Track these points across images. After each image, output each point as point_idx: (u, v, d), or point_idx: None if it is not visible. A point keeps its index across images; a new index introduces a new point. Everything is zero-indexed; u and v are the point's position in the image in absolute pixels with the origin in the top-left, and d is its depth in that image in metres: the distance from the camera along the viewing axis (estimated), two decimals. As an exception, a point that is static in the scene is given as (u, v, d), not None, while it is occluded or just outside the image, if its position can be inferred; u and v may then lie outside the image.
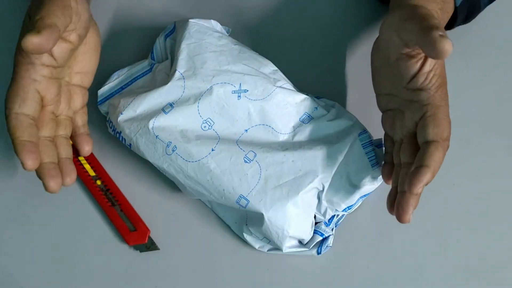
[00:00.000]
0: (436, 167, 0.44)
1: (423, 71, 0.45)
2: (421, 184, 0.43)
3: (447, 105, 0.46)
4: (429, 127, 0.44)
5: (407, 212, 0.44)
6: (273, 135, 0.52)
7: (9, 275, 0.54)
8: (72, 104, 0.49)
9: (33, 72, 0.44)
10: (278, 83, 0.53)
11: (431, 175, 0.43)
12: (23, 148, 0.42)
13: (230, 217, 0.54)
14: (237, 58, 0.53)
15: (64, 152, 0.47)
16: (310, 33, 0.60)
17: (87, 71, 0.50)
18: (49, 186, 0.44)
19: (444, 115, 0.45)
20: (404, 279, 0.53)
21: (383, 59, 0.49)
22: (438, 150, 0.44)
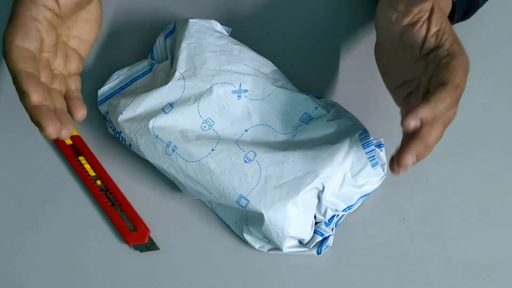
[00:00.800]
0: (437, 105, 0.41)
1: (431, 32, 0.44)
2: (415, 115, 0.40)
3: (466, 57, 0.44)
4: (441, 71, 0.42)
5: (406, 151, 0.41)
6: (273, 135, 0.52)
7: (10, 275, 0.54)
8: (68, 65, 0.47)
9: (35, 12, 0.42)
10: (278, 83, 0.53)
11: (428, 110, 0.40)
12: (28, 79, 0.39)
13: (230, 217, 0.54)
14: (237, 58, 0.53)
15: (59, 104, 0.43)
16: (310, 33, 0.60)
17: (85, 39, 0.48)
18: (47, 129, 0.40)
19: (459, 64, 0.43)
20: (404, 279, 0.53)
21: (386, 50, 0.48)
22: (443, 89, 0.41)
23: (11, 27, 0.42)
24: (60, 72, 0.46)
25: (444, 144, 0.56)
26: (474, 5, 0.54)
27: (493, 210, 0.55)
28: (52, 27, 0.44)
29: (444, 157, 0.56)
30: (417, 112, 0.40)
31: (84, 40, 0.48)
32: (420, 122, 0.41)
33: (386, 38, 0.48)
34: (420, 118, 0.40)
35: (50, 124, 0.40)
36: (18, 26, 0.42)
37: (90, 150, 0.56)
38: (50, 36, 0.44)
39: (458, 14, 0.53)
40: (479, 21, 0.58)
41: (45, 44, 0.44)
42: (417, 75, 0.46)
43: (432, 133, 0.42)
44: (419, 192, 0.55)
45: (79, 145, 0.56)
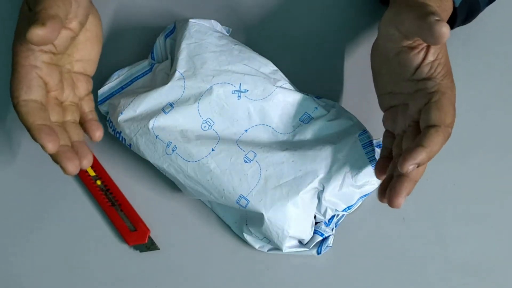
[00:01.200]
0: (433, 150, 0.42)
1: (426, 60, 0.45)
2: (413, 161, 0.42)
3: (454, 93, 0.45)
4: (432, 111, 0.43)
5: (399, 195, 0.43)
6: (273, 135, 0.52)
7: (10, 275, 0.54)
8: (77, 91, 0.49)
9: (33, 59, 0.44)
10: (278, 83, 0.53)
11: (426, 155, 0.42)
12: (41, 132, 0.42)
13: (230, 217, 0.54)
14: (237, 58, 0.53)
15: (75, 136, 0.46)
16: (310, 33, 0.60)
17: (89, 58, 0.49)
18: (67, 168, 0.43)
19: (449, 101, 0.44)
20: (404, 279, 0.53)
21: (382, 56, 0.48)
22: (437, 133, 0.43)
23: (14, 81, 0.44)
24: (71, 102, 0.48)
25: (445, 145, 0.56)
26: (475, 10, 0.54)
27: (493, 210, 0.55)
28: (53, 67, 0.45)
29: (444, 157, 0.56)
30: (415, 157, 0.42)
31: (88, 60, 0.49)
32: (417, 165, 0.43)
33: (384, 48, 0.48)
34: (418, 162, 0.42)
35: (69, 164, 0.43)
36: (20, 80, 0.43)
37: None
38: (52, 77, 0.45)
39: (459, 18, 0.53)
40: (479, 23, 0.58)
41: (50, 86, 0.45)
42: (404, 92, 0.47)
43: (421, 171, 0.45)
44: (419, 192, 0.55)
45: (79, 145, 0.56)
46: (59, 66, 0.46)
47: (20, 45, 0.44)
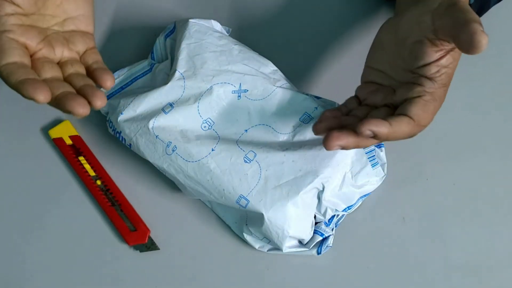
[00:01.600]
0: (396, 133, 0.42)
1: (439, 62, 0.44)
2: (373, 127, 0.42)
3: (441, 103, 0.45)
4: (417, 106, 0.43)
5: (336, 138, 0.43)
6: (273, 135, 0.52)
7: (10, 275, 0.54)
8: (73, 47, 0.47)
9: (1, 24, 0.42)
10: (278, 83, 0.53)
11: (386, 131, 0.42)
12: (25, 84, 0.40)
13: (230, 217, 0.54)
14: (237, 58, 0.53)
15: (82, 82, 0.43)
16: (310, 33, 0.60)
17: (78, 15, 0.47)
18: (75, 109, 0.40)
19: (434, 109, 0.44)
20: (404, 279, 0.53)
21: (397, 37, 0.47)
22: (408, 124, 0.43)
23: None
24: (69, 58, 0.46)
25: (444, 144, 0.56)
26: (485, 7, 0.53)
27: (493, 210, 0.55)
28: (28, 28, 0.44)
29: (444, 157, 0.56)
30: (378, 125, 0.42)
31: (77, 16, 0.47)
32: (370, 134, 0.42)
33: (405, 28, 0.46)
34: (375, 132, 0.42)
35: (75, 104, 0.40)
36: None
37: (90, 150, 0.56)
38: (30, 36, 0.43)
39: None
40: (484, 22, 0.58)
41: (30, 46, 0.44)
42: (397, 78, 0.47)
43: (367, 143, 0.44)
44: (419, 192, 0.55)
45: (79, 145, 0.56)
46: (36, 27, 0.45)
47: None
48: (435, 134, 0.56)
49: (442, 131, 0.57)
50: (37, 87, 0.39)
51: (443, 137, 0.57)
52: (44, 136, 0.57)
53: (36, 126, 0.57)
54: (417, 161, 0.56)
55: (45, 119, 0.58)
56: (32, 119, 0.58)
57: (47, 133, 0.57)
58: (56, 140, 0.56)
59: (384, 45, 0.48)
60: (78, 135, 0.57)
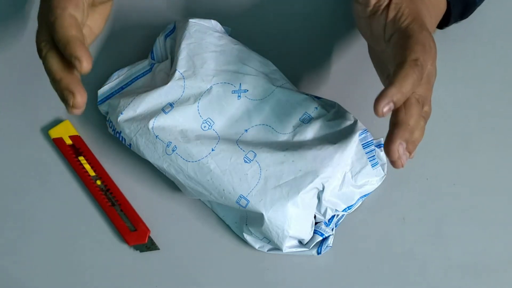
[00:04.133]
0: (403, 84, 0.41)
1: (389, 18, 0.45)
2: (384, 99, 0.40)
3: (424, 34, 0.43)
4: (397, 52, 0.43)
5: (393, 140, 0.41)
6: (273, 135, 0.52)
7: (9, 275, 0.54)
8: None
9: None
10: (278, 83, 0.53)
11: (396, 90, 0.40)
12: (82, 46, 0.41)
13: (230, 217, 0.54)
14: (237, 58, 0.53)
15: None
16: (311, 33, 0.60)
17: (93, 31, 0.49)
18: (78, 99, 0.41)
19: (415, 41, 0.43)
20: (404, 279, 0.53)
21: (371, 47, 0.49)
22: (403, 69, 0.41)
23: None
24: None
25: (444, 144, 0.56)
26: (471, 4, 0.53)
27: (493, 210, 0.55)
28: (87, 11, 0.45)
29: (444, 157, 0.56)
30: (385, 95, 0.40)
31: (92, 32, 0.49)
32: (392, 104, 0.41)
33: (365, 36, 0.49)
34: (390, 100, 0.40)
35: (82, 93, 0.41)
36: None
37: (90, 150, 0.56)
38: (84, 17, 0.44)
39: (454, 13, 0.53)
40: (479, 22, 0.58)
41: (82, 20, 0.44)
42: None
43: (411, 113, 0.42)
44: (419, 192, 0.55)
45: (79, 145, 0.56)
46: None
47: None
48: (435, 134, 0.56)
49: (442, 131, 0.57)
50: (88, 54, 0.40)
51: (443, 137, 0.57)
52: (44, 136, 0.57)
53: (36, 126, 0.57)
54: (417, 161, 0.56)
55: (45, 119, 0.58)
56: (32, 119, 0.58)
57: (47, 133, 0.57)
58: (56, 140, 0.56)
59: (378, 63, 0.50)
60: (78, 135, 0.57)
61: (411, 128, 0.42)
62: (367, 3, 0.46)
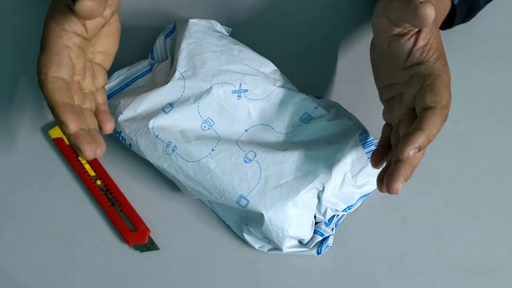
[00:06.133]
0: (432, 132, 0.42)
1: (417, 46, 0.45)
2: (413, 145, 0.41)
3: (448, 76, 0.45)
4: (427, 94, 0.43)
5: (396, 179, 0.42)
6: (273, 135, 0.52)
7: (9, 275, 0.54)
8: (96, 81, 0.49)
9: (66, 39, 0.44)
10: (278, 83, 0.53)
11: (425, 138, 0.42)
12: (66, 110, 0.41)
13: (230, 217, 0.54)
14: (237, 58, 0.53)
15: (92, 124, 0.46)
16: (310, 33, 0.60)
17: (109, 52, 0.50)
18: (86, 151, 0.42)
19: (443, 83, 0.44)
20: (404, 279, 0.53)
21: (377, 49, 0.49)
22: (434, 115, 0.42)
23: (44, 57, 0.43)
24: (90, 90, 0.48)
25: (444, 144, 0.56)
26: (475, 8, 0.54)
27: (493, 210, 0.55)
28: (81, 51, 0.45)
29: (444, 157, 0.56)
30: (415, 142, 0.42)
31: (108, 54, 0.50)
32: (418, 149, 0.42)
33: (378, 40, 0.48)
34: (419, 146, 0.42)
35: (87, 147, 0.42)
36: (51, 57, 0.43)
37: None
38: (79, 60, 0.45)
39: (459, 17, 0.53)
40: (480, 23, 0.58)
41: (76, 68, 0.45)
42: (400, 81, 0.47)
43: (419, 156, 0.44)
44: (419, 192, 0.55)
45: (79, 145, 0.56)
46: (85, 52, 0.46)
47: (54, 24, 0.44)
48: (435, 134, 0.56)
49: (442, 131, 0.56)
50: (73, 117, 0.41)
51: (443, 137, 0.56)
52: (44, 136, 0.57)
53: (36, 126, 0.57)
54: (417, 161, 0.56)
55: (45, 119, 0.58)
56: (32, 119, 0.58)
57: (47, 133, 0.57)
58: (56, 140, 0.56)
59: (376, 62, 0.50)
60: (78, 135, 0.57)
61: (414, 167, 0.44)
62: (397, 23, 0.44)
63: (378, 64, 0.50)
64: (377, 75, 0.50)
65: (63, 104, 0.42)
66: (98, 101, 0.49)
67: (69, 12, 0.44)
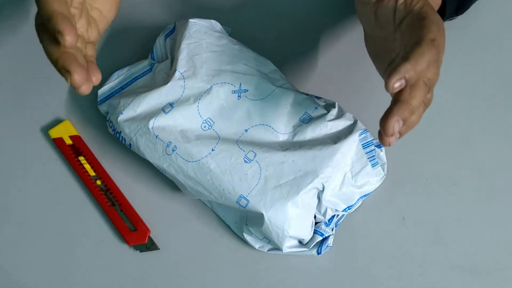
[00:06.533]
0: (418, 62, 0.39)
1: (399, 1, 0.44)
2: (397, 75, 0.38)
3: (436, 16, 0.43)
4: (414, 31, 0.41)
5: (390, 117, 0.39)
6: (273, 135, 0.52)
7: (9, 275, 0.54)
8: (89, 31, 0.47)
9: None
10: (278, 83, 0.53)
11: (410, 67, 0.39)
12: (64, 20, 0.39)
13: (230, 217, 0.54)
14: (237, 58, 0.53)
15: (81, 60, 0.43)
16: (310, 33, 0.60)
17: (105, 15, 0.48)
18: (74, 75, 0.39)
19: (429, 21, 0.41)
20: (404, 279, 0.53)
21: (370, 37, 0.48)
22: (420, 46, 0.39)
23: None
24: (82, 34, 0.46)
25: (444, 144, 0.56)
26: (465, 4, 0.53)
27: (493, 210, 0.55)
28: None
29: (444, 157, 0.56)
30: (399, 70, 0.39)
31: (104, 16, 0.48)
32: (404, 81, 0.39)
33: (366, 23, 0.47)
34: (404, 76, 0.39)
35: (78, 70, 0.39)
36: None
37: (90, 150, 0.56)
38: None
39: (449, 8, 0.52)
40: (478, 21, 0.58)
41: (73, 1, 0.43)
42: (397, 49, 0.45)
43: (415, 95, 0.41)
44: (419, 192, 0.55)
45: (79, 145, 0.56)
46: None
47: None
48: (435, 134, 0.56)
49: (442, 131, 0.57)
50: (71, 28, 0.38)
51: (443, 137, 0.57)
52: (44, 136, 0.57)
53: (36, 126, 0.57)
54: (417, 161, 0.56)
55: (45, 119, 0.58)
56: (32, 119, 0.58)
57: (47, 133, 0.57)
58: (56, 140, 0.56)
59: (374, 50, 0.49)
60: (78, 135, 0.57)
61: (412, 109, 0.40)
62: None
63: (376, 51, 0.49)
64: (379, 62, 0.49)
65: (62, 14, 0.39)
66: (87, 52, 0.46)
67: None
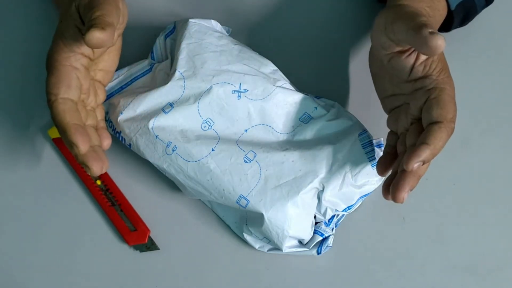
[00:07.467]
0: (437, 146, 0.43)
1: (419, 60, 0.45)
2: (417, 159, 0.42)
3: (452, 87, 0.45)
4: (433, 108, 0.43)
5: (402, 189, 0.43)
6: (273, 135, 0.52)
7: (9, 275, 0.54)
8: (97, 98, 0.50)
9: (74, 60, 0.45)
10: (278, 83, 0.53)
11: (430, 152, 0.43)
12: (77, 132, 0.43)
13: (230, 217, 0.54)
14: (237, 58, 0.53)
15: (95, 141, 0.47)
16: (310, 33, 0.60)
17: (109, 70, 0.50)
18: (94, 169, 0.44)
19: (448, 96, 0.44)
20: (404, 279, 0.53)
21: (378, 63, 0.49)
22: (440, 130, 0.43)
23: (54, 78, 0.44)
24: (92, 108, 0.49)
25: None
26: (472, 12, 0.54)
27: (493, 210, 0.55)
28: (87, 72, 0.46)
29: (444, 157, 0.56)
30: (419, 155, 0.42)
31: (108, 71, 0.50)
32: (422, 163, 0.43)
33: (377, 54, 0.48)
34: (423, 160, 0.43)
35: (95, 164, 0.44)
36: (60, 78, 0.44)
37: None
38: (86, 80, 0.46)
39: (456, 21, 0.53)
40: (476, 23, 0.58)
41: (83, 88, 0.46)
42: (404, 92, 0.47)
43: (425, 167, 0.45)
44: (419, 192, 0.55)
45: (79, 145, 0.56)
46: (90, 72, 0.47)
47: (63, 44, 0.45)
48: (435, 134, 0.56)
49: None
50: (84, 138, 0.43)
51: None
52: (44, 136, 0.57)
53: (36, 126, 0.57)
54: (417, 161, 0.56)
55: (45, 119, 0.58)
56: (32, 119, 0.58)
57: (47, 133, 0.57)
58: (56, 140, 0.56)
59: (377, 74, 0.50)
60: (78, 135, 0.57)
61: (420, 177, 0.44)
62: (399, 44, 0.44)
63: (379, 76, 0.50)
64: (379, 86, 0.50)
65: (73, 126, 0.43)
66: (97, 117, 0.50)
67: (78, 34, 0.45)
